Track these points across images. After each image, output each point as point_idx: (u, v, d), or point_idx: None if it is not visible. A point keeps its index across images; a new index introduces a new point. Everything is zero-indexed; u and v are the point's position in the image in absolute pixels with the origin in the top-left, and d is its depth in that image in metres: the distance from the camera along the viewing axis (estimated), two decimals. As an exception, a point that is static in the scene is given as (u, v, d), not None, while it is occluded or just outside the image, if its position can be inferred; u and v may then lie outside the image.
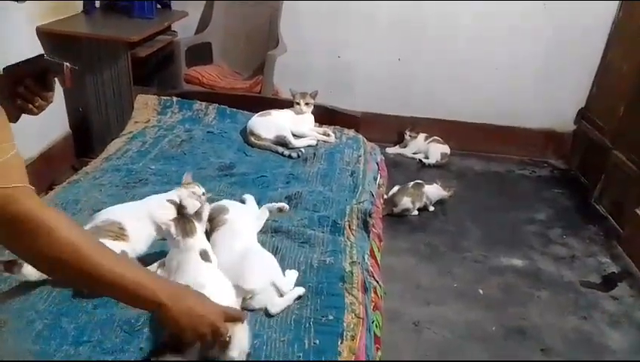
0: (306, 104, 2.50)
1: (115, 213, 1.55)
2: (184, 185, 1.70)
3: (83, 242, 0.93)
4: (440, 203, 3.09)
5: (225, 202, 1.68)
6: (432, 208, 3.06)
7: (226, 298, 1.27)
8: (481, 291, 2.42)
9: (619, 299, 2.46)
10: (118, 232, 1.47)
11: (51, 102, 1.16)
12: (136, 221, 1.53)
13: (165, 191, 1.69)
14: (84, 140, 3.08)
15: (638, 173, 2.85)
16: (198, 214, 1.48)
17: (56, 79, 1.16)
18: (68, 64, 1.12)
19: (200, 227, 1.43)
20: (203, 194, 1.69)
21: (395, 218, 2.91)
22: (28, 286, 1.38)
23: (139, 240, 1.51)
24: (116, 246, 1.41)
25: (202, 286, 1.20)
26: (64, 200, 1.81)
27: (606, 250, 2.83)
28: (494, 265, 2.62)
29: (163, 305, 0.98)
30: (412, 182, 3.03)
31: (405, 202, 2.94)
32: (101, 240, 1.38)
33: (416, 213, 2.99)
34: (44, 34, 2.78)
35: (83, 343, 1.24)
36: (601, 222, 3.06)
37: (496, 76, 3.68)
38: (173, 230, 1.36)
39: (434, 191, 3.06)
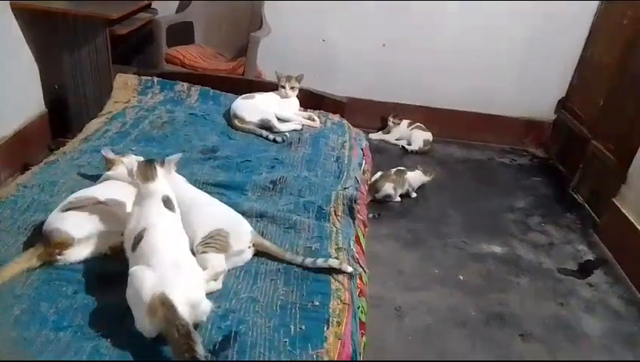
0: (292, 88, 2.47)
1: (90, 191, 1.53)
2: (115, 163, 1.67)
3: None
4: (421, 189, 3.11)
5: None
6: (414, 194, 3.07)
7: (182, 249, 1.31)
8: (461, 277, 2.45)
9: (594, 286, 2.52)
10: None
11: None
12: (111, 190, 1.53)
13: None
14: (61, 120, 2.99)
15: (616, 163, 2.90)
16: (163, 163, 1.44)
17: None
18: None
19: (163, 173, 1.41)
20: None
21: (377, 204, 2.91)
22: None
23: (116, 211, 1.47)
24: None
25: (153, 226, 1.28)
26: (41, 182, 1.75)
27: (583, 237, 2.89)
28: (475, 251, 2.65)
29: None
30: (394, 169, 3.03)
31: (387, 188, 2.94)
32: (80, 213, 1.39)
33: (398, 199, 3.00)
34: (19, 10, 2.67)
35: (63, 328, 1.21)
36: (578, 211, 3.12)
37: (479, 64, 3.69)
38: (134, 172, 1.38)
39: (416, 177, 3.07)
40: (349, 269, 1.49)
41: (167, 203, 1.37)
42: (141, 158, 1.61)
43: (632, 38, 3.00)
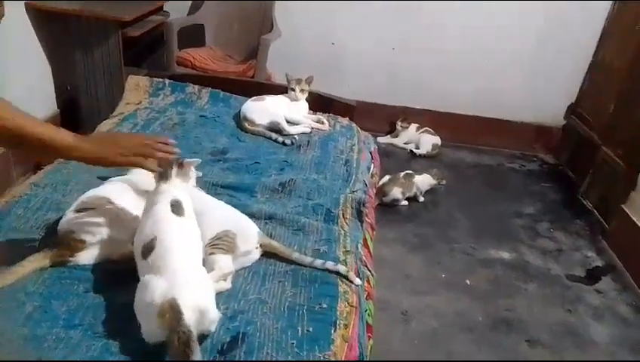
0: (301, 90, 2.48)
1: (102, 191, 1.53)
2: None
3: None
4: (430, 193, 3.11)
5: None
6: (422, 198, 3.07)
7: (193, 257, 1.28)
8: (468, 282, 2.45)
9: (603, 292, 2.50)
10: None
11: None
12: (125, 194, 1.51)
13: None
14: (73, 120, 3.02)
15: (625, 169, 2.89)
16: (182, 164, 1.41)
17: None
18: None
19: (177, 176, 1.40)
20: None
21: (384, 208, 2.91)
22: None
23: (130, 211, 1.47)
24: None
25: (161, 233, 1.25)
26: (53, 181, 1.78)
27: (591, 244, 2.87)
28: (483, 256, 2.65)
29: (71, 144, 1.24)
30: (403, 173, 3.03)
31: (395, 192, 2.95)
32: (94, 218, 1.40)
33: (405, 203, 3.00)
34: (33, 10, 2.71)
35: (74, 327, 1.22)
36: (587, 217, 3.11)
37: (489, 69, 3.68)
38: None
39: (424, 181, 3.07)
40: (357, 281, 1.48)
41: (175, 208, 1.32)
42: None
43: (644, 43, 2.99)
